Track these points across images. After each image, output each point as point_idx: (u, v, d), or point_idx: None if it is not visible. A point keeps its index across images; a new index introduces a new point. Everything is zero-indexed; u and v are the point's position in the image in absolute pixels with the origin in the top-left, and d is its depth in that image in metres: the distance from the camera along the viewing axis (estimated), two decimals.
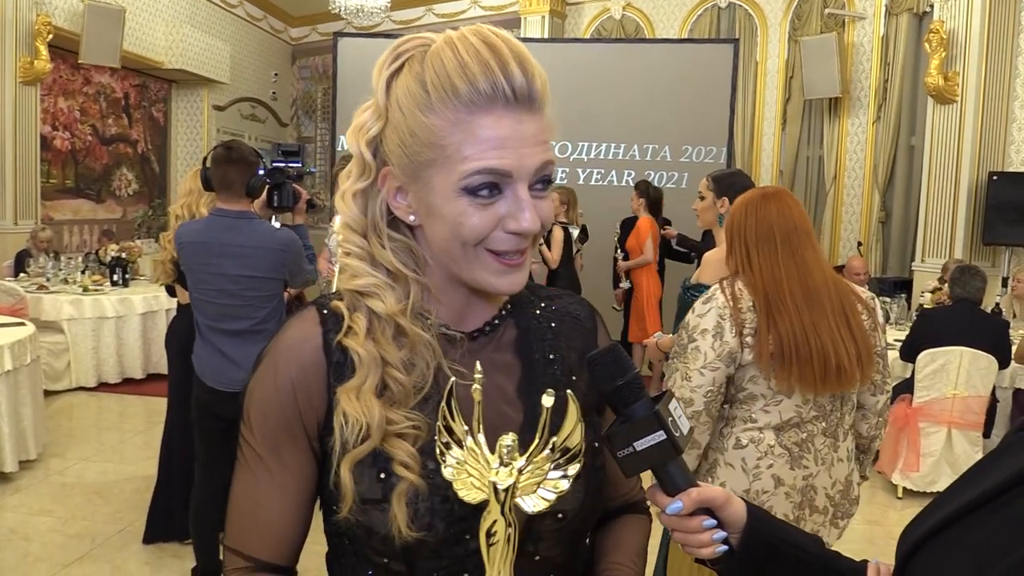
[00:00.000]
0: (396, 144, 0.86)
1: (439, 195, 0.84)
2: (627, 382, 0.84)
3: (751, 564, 0.88)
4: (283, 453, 0.89)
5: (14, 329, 4.61)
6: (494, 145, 0.81)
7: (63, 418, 5.59)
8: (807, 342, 1.90)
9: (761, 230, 2.01)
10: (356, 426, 0.83)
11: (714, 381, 1.96)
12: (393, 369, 0.86)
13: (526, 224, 0.83)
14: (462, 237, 0.84)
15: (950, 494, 0.78)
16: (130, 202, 9.96)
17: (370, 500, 0.84)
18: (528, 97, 0.83)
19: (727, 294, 2.00)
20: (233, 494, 0.92)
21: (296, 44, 12.41)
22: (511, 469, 0.82)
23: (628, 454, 0.84)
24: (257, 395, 0.90)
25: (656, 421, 0.83)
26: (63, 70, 8.64)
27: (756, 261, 1.99)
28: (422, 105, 0.83)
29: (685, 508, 0.85)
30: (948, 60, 7.02)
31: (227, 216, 2.89)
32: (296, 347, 0.89)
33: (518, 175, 0.82)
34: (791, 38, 9.01)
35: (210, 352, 2.92)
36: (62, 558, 3.49)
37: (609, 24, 9.90)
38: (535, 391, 0.91)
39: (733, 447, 2.02)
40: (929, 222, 7.32)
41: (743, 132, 9.14)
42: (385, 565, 0.86)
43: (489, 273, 0.86)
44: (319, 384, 0.88)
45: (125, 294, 6.58)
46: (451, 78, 0.81)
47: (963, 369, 4.36)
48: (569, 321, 1.00)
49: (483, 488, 0.81)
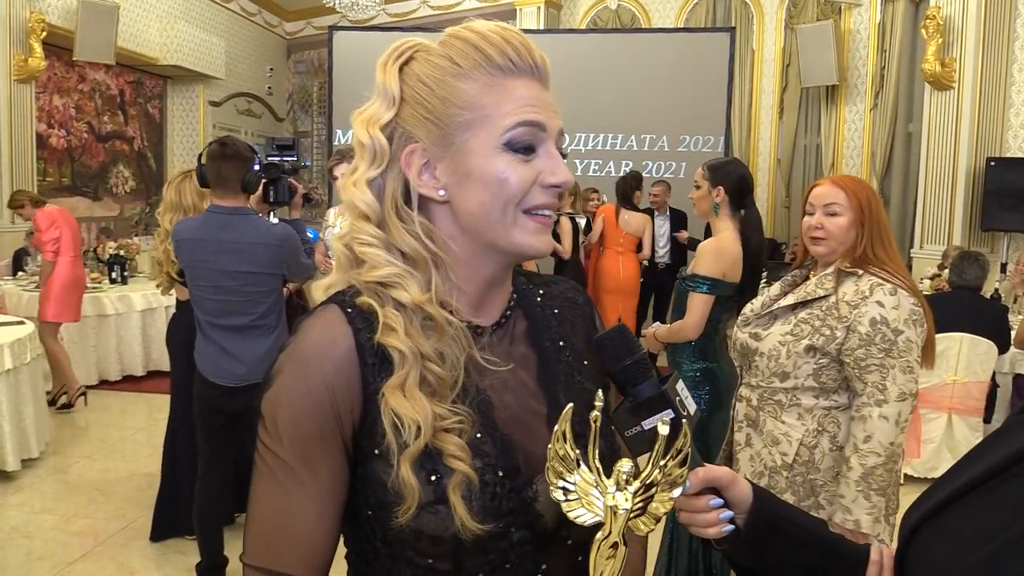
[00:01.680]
0: (422, 117, 0.87)
1: (479, 155, 0.85)
2: (635, 362, 0.85)
3: (756, 544, 0.88)
4: (315, 462, 0.84)
5: (14, 328, 4.61)
6: (529, 102, 0.86)
7: (64, 416, 5.59)
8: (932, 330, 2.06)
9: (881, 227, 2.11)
10: (412, 425, 0.81)
11: None
12: (430, 362, 0.85)
13: (563, 176, 0.87)
14: (506, 195, 0.85)
15: (950, 475, 0.79)
16: (127, 199, 9.94)
17: (423, 504, 0.82)
18: (545, 74, 0.90)
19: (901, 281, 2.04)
20: (257, 511, 0.87)
21: (291, 38, 12.36)
22: (626, 494, 0.82)
23: (636, 433, 0.84)
24: (286, 403, 0.85)
25: (664, 400, 0.84)
26: (58, 67, 8.61)
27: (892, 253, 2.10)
28: (454, 73, 0.86)
29: (692, 487, 0.86)
30: (945, 46, 7.00)
31: (223, 212, 2.89)
32: (326, 349, 0.85)
33: (551, 131, 0.88)
34: (787, 26, 8.99)
35: (211, 348, 2.92)
36: (65, 556, 3.49)
37: (605, 14, 9.87)
38: (553, 380, 0.93)
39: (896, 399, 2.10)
40: (927, 209, 7.32)
41: (740, 121, 9.12)
42: (430, 566, 0.85)
43: (528, 234, 0.87)
44: (354, 386, 0.85)
45: (124, 291, 6.58)
46: (481, 48, 0.85)
47: (963, 355, 4.36)
48: (569, 306, 1.02)
49: (596, 511, 0.82)
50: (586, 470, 0.82)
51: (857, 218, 2.09)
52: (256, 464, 0.87)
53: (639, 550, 1.04)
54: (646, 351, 0.87)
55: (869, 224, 2.08)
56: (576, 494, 0.82)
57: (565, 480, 0.82)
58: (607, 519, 0.82)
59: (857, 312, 2.01)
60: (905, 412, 1.97)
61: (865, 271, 2.05)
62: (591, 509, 0.82)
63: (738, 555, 0.90)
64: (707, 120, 7.34)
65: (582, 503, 0.82)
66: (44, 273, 5.61)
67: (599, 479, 0.82)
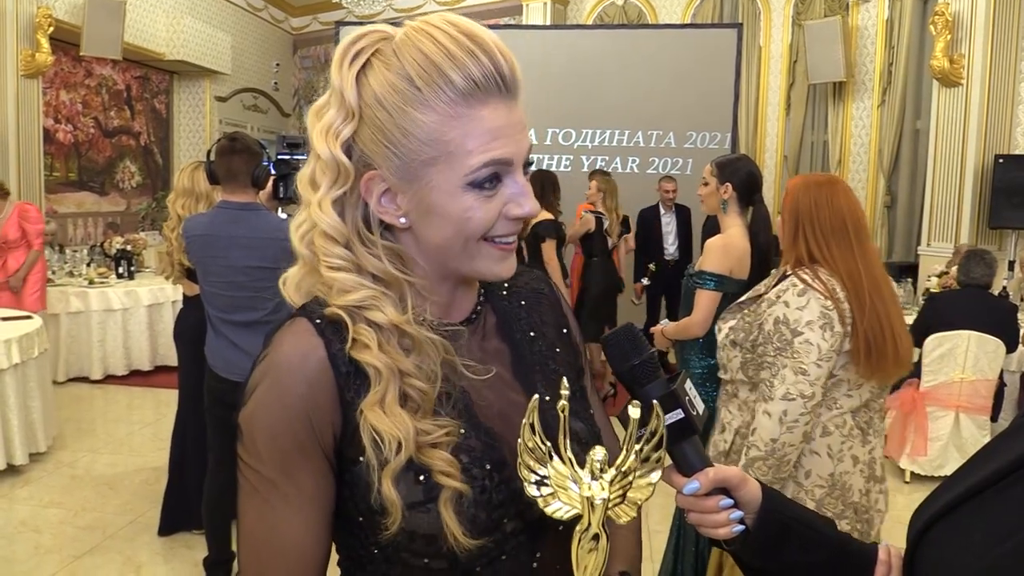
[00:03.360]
0: (382, 145, 0.83)
1: (442, 192, 0.82)
2: (643, 361, 0.84)
3: (766, 544, 0.88)
4: (297, 474, 0.84)
5: (22, 322, 4.63)
6: (496, 135, 0.81)
7: (71, 411, 5.61)
8: (882, 334, 1.96)
9: (836, 223, 2.03)
10: (392, 442, 0.80)
11: (828, 373, 1.98)
12: (411, 378, 0.83)
13: (528, 208, 0.84)
14: (468, 232, 0.83)
15: (958, 476, 0.79)
16: (134, 194, 9.95)
17: (412, 504, 0.82)
18: (514, 85, 0.83)
19: (821, 284, 1.99)
20: (244, 529, 0.86)
21: (297, 34, 12.36)
22: (602, 483, 0.81)
23: None
24: (262, 418, 0.83)
25: (674, 400, 0.83)
26: (64, 63, 8.62)
27: (836, 254, 2.02)
28: (413, 101, 0.80)
29: (702, 488, 0.85)
30: (953, 43, 6.97)
31: (232, 208, 2.89)
32: (298, 363, 0.83)
33: (517, 162, 0.83)
34: (795, 22, 8.95)
35: (222, 343, 2.93)
36: (73, 550, 3.51)
37: (611, 10, 9.84)
38: (529, 371, 0.94)
39: (821, 435, 2.04)
40: (935, 206, 7.29)
41: (747, 117, 9.09)
42: (425, 565, 0.84)
43: (492, 262, 0.87)
44: (330, 398, 0.83)
45: (131, 286, 6.59)
46: (442, 70, 0.79)
47: (970, 353, 4.35)
48: (535, 296, 1.02)
49: (574, 504, 0.81)
50: (559, 462, 0.81)
51: (792, 219, 2.09)
52: (240, 483, 0.86)
53: (631, 536, 1.03)
54: (655, 350, 0.87)
55: (805, 225, 2.06)
56: (551, 487, 0.81)
57: (538, 474, 0.81)
58: (585, 511, 0.81)
59: (768, 311, 2.05)
60: (793, 412, 1.95)
61: (796, 272, 2.05)
62: (568, 501, 0.81)
63: (747, 555, 0.90)
64: (714, 116, 7.31)
65: (558, 496, 0.81)
66: (30, 263, 5.79)
67: (573, 470, 0.81)
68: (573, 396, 0.89)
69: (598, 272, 5.87)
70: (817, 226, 2.04)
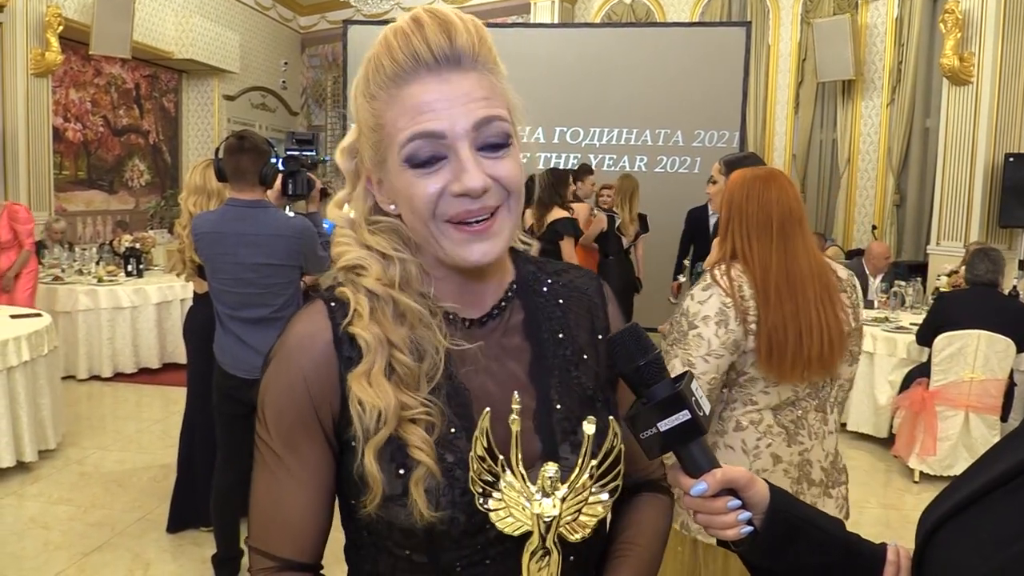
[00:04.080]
0: (365, 142, 0.89)
1: (392, 174, 0.86)
2: (648, 362, 0.83)
3: (774, 545, 0.88)
4: (301, 449, 0.88)
5: (32, 320, 4.65)
6: (422, 110, 0.82)
7: (80, 408, 5.64)
8: (785, 333, 1.92)
9: (762, 217, 1.99)
10: (373, 411, 0.83)
11: (718, 369, 1.95)
12: (398, 352, 0.86)
13: (470, 183, 0.81)
14: (418, 211, 0.84)
15: (967, 477, 0.78)
16: (142, 193, 10.00)
17: (391, 496, 0.84)
18: (450, 56, 0.82)
19: (727, 281, 1.97)
20: (254, 494, 0.92)
21: (305, 33, 12.39)
22: (554, 500, 0.82)
23: (651, 435, 0.83)
24: (271, 393, 0.89)
25: (680, 401, 0.82)
26: (74, 62, 8.66)
27: (756, 249, 1.98)
28: (366, 94, 0.87)
29: (710, 489, 0.85)
30: (963, 41, 6.93)
31: (241, 205, 2.90)
32: (306, 342, 0.88)
33: (453, 135, 0.82)
34: (803, 20, 8.93)
35: (230, 340, 2.94)
36: (82, 546, 3.52)
37: (619, 8, 9.83)
38: (545, 375, 0.92)
39: (733, 429, 2.04)
40: (944, 205, 7.25)
41: (756, 116, 9.07)
42: (407, 557, 0.87)
43: (455, 245, 0.84)
44: (332, 377, 0.87)
45: (140, 284, 6.62)
46: (381, 60, 0.84)
47: (980, 352, 4.33)
48: (576, 296, 0.99)
49: (525, 520, 0.81)
50: (512, 476, 0.81)
51: (725, 214, 2.07)
52: (255, 453, 0.92)
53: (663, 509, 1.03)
54: (660, 351, 0.86)
55: (734, 220, 2.04)
56: (503, 502, 0.81)
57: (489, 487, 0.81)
58: (534, 527, 0.81)
59: (680, 305, 2.06)
60: None
61: (712, 268, 2.04)
62: (519, 517, 0.81)
63: (755, 556, 0.89)
64: (722, 115, 7.30)
65: (510, 511, 0.81)
66: (21, 263, 5.91)
67: (524, 485, 0.81)
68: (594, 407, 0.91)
69: (614, 271, 5.84)
70: (743, 221, 2.01)
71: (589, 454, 0.83)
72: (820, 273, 1.99)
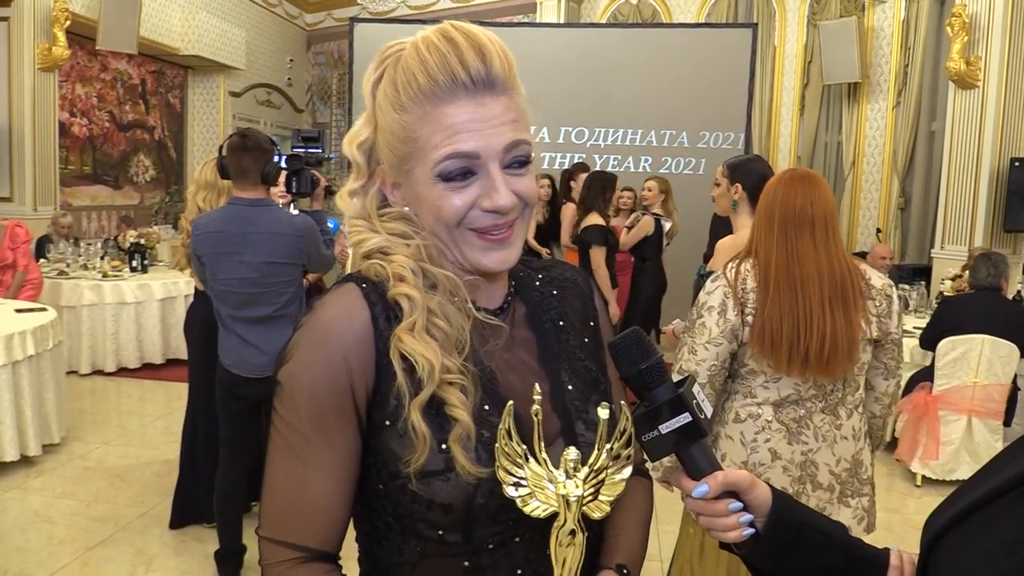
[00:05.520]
0: (384, 144, 0.93)
1: (421, 184, 0.90)
2: (650, 366, 0.85)
3: (776, 548, 0.88)
4: (331, 433, 0.88)
5: (37, 315, 4.66)
6: (458, 130, 0.86)
7: (84, 403, 5.65)
8: (781, 326, 1.98)
9: (767, 215, 2.08)
10: (425, 364, 0.85)
11: (717, 356, 2.04)
12: (435, 316, 0.89)
13: (501, 201, 0.87)
14: (443, 220, 0.89)
15: (973, 483, 0.78)
16: (147, 188, 10.02)
17: (432, 472, 0.85)
18: (487, 81, 0.87)
19: (732, 273, 2.07)
20: (273, 483, 0.90)
21: (311, 30, 12.40)
22: (576, 481, 0.86)
23: (653, 437, 0.85)
24: (305, 376, 0.87)
25: (681, 403, 0.84)
26: (80, 57, 8.68)
27: (760, 244, 2.07)
28: (395, 104, 0.90)
29: (711, 491, 0.86)
30: (970, 44, 6.92)
31: (243, 204, 2.91)
32: (343, 323, 0.88)
33: (486, 155, 0.87)
34: (810, 22, 8.91)
35: (233, 340, 2.94)
36: (86, 541, 3.54)
37: (625, 9, 9.83)
38: (554, 360, 0.98)
39: (733, 420, 2.09)
40: (949, 208, 7.24)
41: (761, 118, 9.06)
42: (440, 538, 0.87)
43: (476, 251, 0.90)
44: (369, 358, 0.88)
45: (144, 280, 6.63)
46: (415, 74, 0.87)
47: (984, 357, 4.32)
48: (569, 286, 1.06)
49: (551, 502, 0.85)
50: (535, 463, 0.85)
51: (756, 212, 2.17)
52: (272, 438, 0.90)
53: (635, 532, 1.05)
54: (662, 355, 0.87)
55: (755, 218, 2.14)
56: (528, 488, 0.85)
57: (515, 475, 0.84)
58: (561, 508, 0.85)
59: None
60: None
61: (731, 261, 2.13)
62: (545, 500, 0.85)
63: (757, 559, 0.90)
64: (727, 117, 7.29)
65: (535, 495, 0.85)
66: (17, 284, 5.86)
67: (548, 470, 0.85)
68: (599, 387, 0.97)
69: (650, 275, 5.78)
70: (759, 219, 2.11)
71: (604, 437, 0.87)
72: (834, 275, 2.01)
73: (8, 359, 4.16)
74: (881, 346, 2.08)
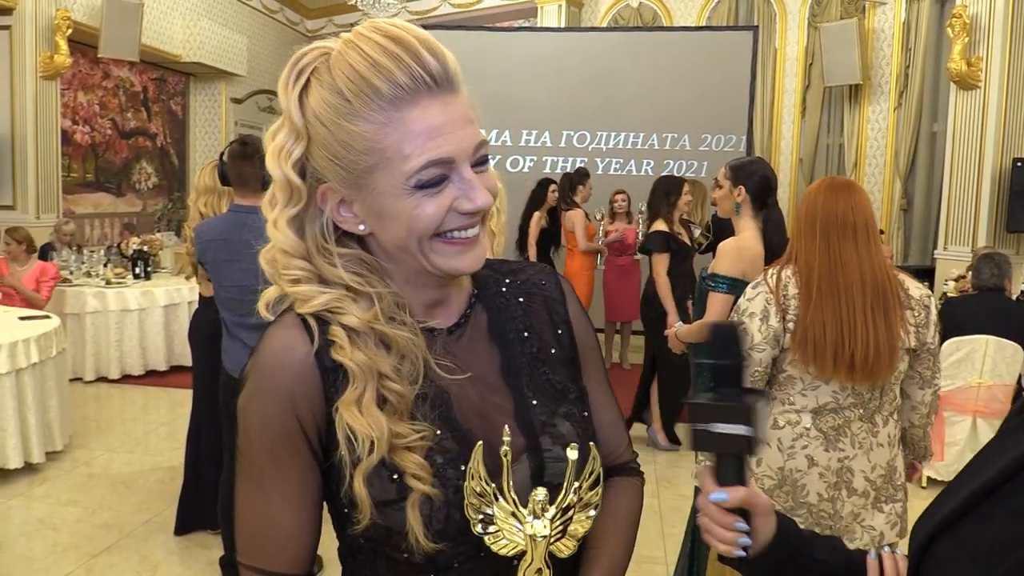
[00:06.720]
0: (327, 160, 0.85)
1: (388, 196, 0.84)
2: (734, 365, 0.88)
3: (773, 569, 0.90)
4: (284, 463, 0.87)
5: (40, 322, 4.67)
6: (430, 136, 0.82)
7: (88, 410, 5.66)
8: (824, 332, 1.98)
9: (808, 221, 2.09)
10: (366, 440, 0.82)
11: (760, 362, 2.06)
12: (389, 381, 0.85)
13: (479, 202, 0.84)
14: (419, 230, 0.84)
15: (957, 485, 0.79)
16: (150, 195, 10.03)
17: (386, 502, 0.84)
18: (446, 79, 0.83)
19: (774, 280, 2.09)
20: (240, 511, 0.91)
21: (313, 36, 12.41)
22: (544, 521, 0.87)
23: (703, 430, 0.86)
24: (254, 408, 0.87)
25: (747, 415, 0.85)
26: (82, 64, 8.70)
27: (801, 251, 2.09)
28: (346, 114, 0.82)
29: (729, 503, 0.87)
30: (971, 45, 6.92)
31: (244, 211, 2.91)
32: (284, 355, 0.86)
33: (460, 158, 0.83)
34: (811, 24, 8.92)
35: (237, 346, 2.93)
36: (90, 548, 3.53)
37: (626, 12, 9.84)
38: (516, 374, 0.94)
39: (771, 427, 2.09)
40: (952, 210, 7.24)
41: (762, 120, 9.06)
42: (406, 560, 0.86)
43: (448, 258, 0.86)
44: (315, 390, 0.86)
45: (147, 287, 6.64)
46: (368, 79, 0.81)
47: (988, 357, 4.31)
48: (536, 293, 1.01)
49: (518, 540, 0.86)
50: (504, 502, 0.86)
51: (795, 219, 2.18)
52: (236, 466, 0.91)
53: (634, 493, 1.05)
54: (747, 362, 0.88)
55: (796, 224, 2.15)
56: (496, 525, 0.85)
57: (484, 512, 0.85)
58: (528, 547, 0.86)
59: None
60: None
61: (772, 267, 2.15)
62: (512, 539, 0.86)
63: (746, 573, 0.93)
64: (729, 119, 7.30)
65: (503, 533, 0.85)
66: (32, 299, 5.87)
67: (517, 509, 0.86)
68: (567, 399, 0.94)
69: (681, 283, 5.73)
70: (799, 226, 2.12)
71: (573, 476, 0.87)
72: (876, 282, 2.02)
73: (12, 367, 4.17)
74: (917, 356, 2.09)
